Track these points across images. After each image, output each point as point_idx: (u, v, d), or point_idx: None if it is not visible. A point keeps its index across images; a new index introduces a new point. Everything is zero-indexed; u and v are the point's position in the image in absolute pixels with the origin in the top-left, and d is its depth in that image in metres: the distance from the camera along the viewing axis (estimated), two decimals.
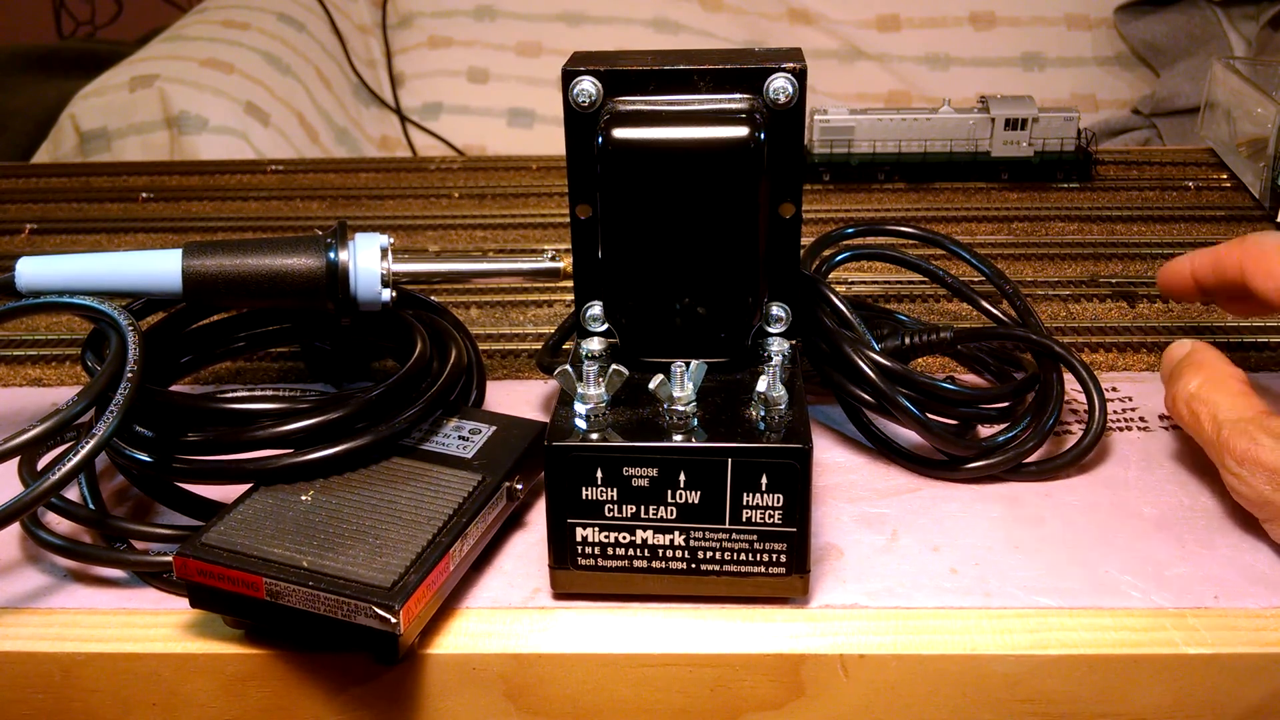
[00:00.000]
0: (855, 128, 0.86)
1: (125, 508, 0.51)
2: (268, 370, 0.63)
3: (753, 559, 0.43)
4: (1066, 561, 0.47)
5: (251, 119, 1.27)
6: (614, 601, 0.45)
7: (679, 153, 0.46)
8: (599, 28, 1.54)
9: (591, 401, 0.44)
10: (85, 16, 2.15)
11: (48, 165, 1.17)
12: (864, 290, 0.70)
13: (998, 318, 0.59)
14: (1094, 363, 0.62)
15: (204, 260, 0.51)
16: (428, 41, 1.57)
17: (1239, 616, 0.44)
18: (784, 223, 0.49)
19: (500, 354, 0.64)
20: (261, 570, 0.41)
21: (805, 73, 0.47)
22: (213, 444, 0.46)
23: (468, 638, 0.44)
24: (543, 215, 0.84)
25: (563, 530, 0.44)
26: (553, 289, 0.71)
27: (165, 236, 0.82)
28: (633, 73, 0.47)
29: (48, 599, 0.46)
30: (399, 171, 0.96)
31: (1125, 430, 0.55)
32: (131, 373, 0.45)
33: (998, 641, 0.43)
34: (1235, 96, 0.88)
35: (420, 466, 0.47)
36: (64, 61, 1.56)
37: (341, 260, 0.51)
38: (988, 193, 0.86)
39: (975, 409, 0.53)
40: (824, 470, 0.53)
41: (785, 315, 0.50)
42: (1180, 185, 0.86)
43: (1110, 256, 0.74)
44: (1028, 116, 0.85)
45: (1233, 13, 1.41)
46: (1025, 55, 1.48)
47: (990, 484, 0.51)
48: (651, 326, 0.48)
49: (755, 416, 0.44)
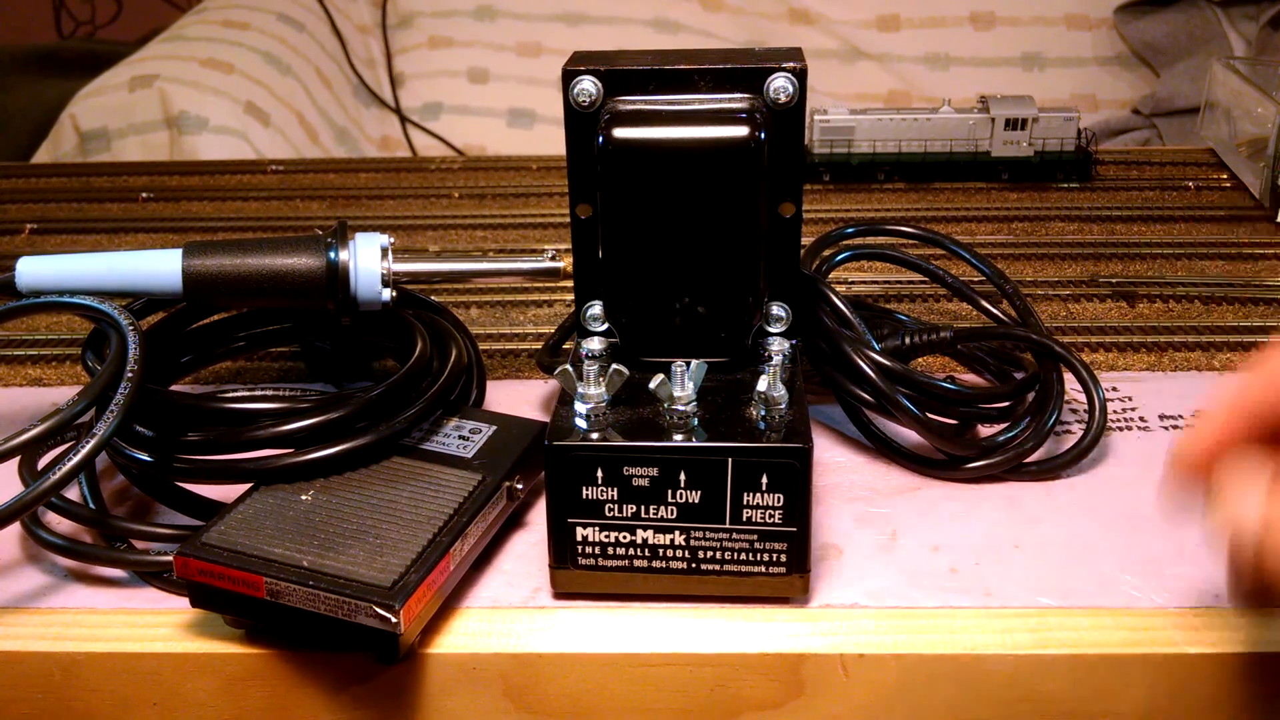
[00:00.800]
0: (855, 128, 0.86)
1: (125, 507, 0.51)
2: (268, 370, 0.63)
3: (753, 559, 0.43)
4: (1066, 561, 0.47)
5: (251, 119, 1.27)
6: (614, 601, 0.45)
7: (679, 152, 0.46)
8: (599, 28, 1.54)
9: (592, 401, 0.44)
10: (85, 16, 2.15)
11: (48, 165, 1.17)
12: (864, 290, 0.70)
13: (998, 318, 0.59)
14: (1094, 363, 0.62)
15: (204, 260, 0.51)
16: (428, 41, 1.57)
17: (1239, 616, 0.44)
18: (784, 222, 0.49)
19: (500, 354, 0.64)
20: (262, 570, 0.41)
21: (805, 73, 0.47)
22: (213, 444, 0.46)
23: (468, 637, 0.44)
24: (543, 215, 0.84)
25: (563, 530, 0.44)
26: (553, 289, 0.71)
27: (165, 236, 0.82)
28: (633, 72, 0.47)
29: (48, 599, 0.46)
30: (399, 171, 0.96)
31: (1125, 430, 0.55)
32: (132, 372, 0.45)
33: (998, 641, 0.43)
34: (1235, 96, 0.88)
35: (420, 466, 0.47)
36: (64, 61, 1.56)
37: (342, 260, 0.51)
38: (988, 193, 0.86)
39: (975, 409, 0.53)
40: (824, 470, 0.53)
41: (785, 315, 0.50)
42: (1180, 185, 0.86)
43: (1110, 256, 0.74)
44: (1028, 116, 0.85)
45: (1233, 13, 1.41)
46: (1025, 55, 1.47)
47: (990, 484, 0.51)
48: (652, 326, 0.48)
49: (755, 416, 0.44)
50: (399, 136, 1.51)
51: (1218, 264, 0.73)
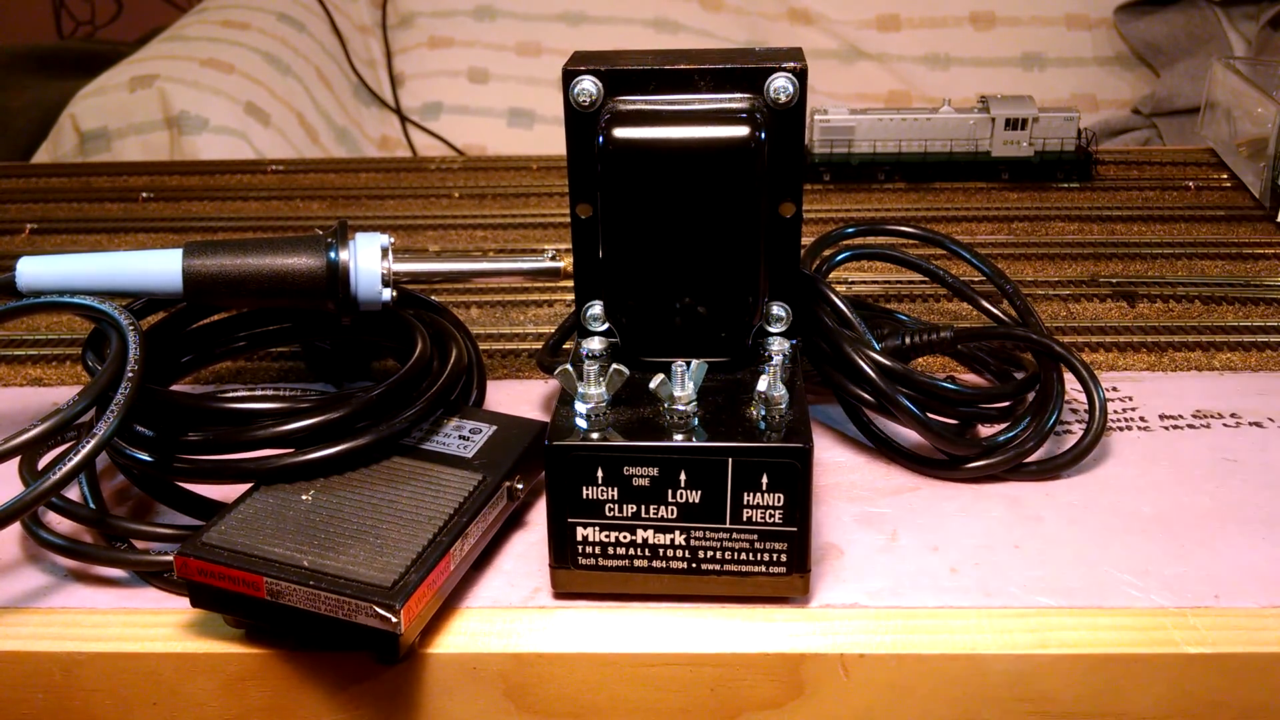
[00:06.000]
0: (855, 128, 0.86)
1: (125, 507, 0.51)
2: (268, 370, 0.63)
3: (753, 558, 0.43)
4: (1066, 561, 0.47)
5: (251, 119, 1.27)
6: (614, 601, 0.45)
7: (679, 152, 0.46)
8: (599, 28, 1.54)
9: (592, 401, 0.44)
10: (85, 16, 2.15)
11: (48, 165, 1.17)
12: (864, 290, 0.70)
13: (998, 317, 0.59)
14: (1094, 363, 0.62)
15: (204, 260, 0.51)
16: (428, 41, 1.57)
17: (1239, 616, 0.44)
18: (784, 222, 0.49)
19: (500, 354, 0.64)
20: (262, 570, 0.41)
21: (805, 72, 0.47)
22: (213, 444, 0.46)
23: (468, 637, 0.44)
24: (543, 215, 0.84)
25: (563, 530, 0.44)
26: (553, 289, 0.71)
27: (165, 236, 0.82)
28: (633, 72, 0.47)
29: (48, 599, 0.46)
30: (399, 171, 0.96)
31: (1125, 430, 0.55)
32: (132, 372, 0.45)
33: (998, 641, 0.43)
34: (1235, 96, 0.88)
35: (421, 466, 0.47)
36: (64, 61, 1.56)
37: (342, 260, 0.51)
38: (988, 193, 0.86)
39: (975, 409, 0.53)
40: (824, 470, 0.53)
41: (785, 315, 0.50)
42: (1180, 185, 0.86)
43: (1110, 256, 0.74)
44: (1028, 116, 0.85)
45: (1233, 13, 1.41)
46: (1025, 55, 1.48)
47: (990, 484, 0.51)
48: (652, 326, 0.48)
49: (756, 416, 0.44)
50: (399, 136, 1.51)
51: (1218, 264, 0.73)
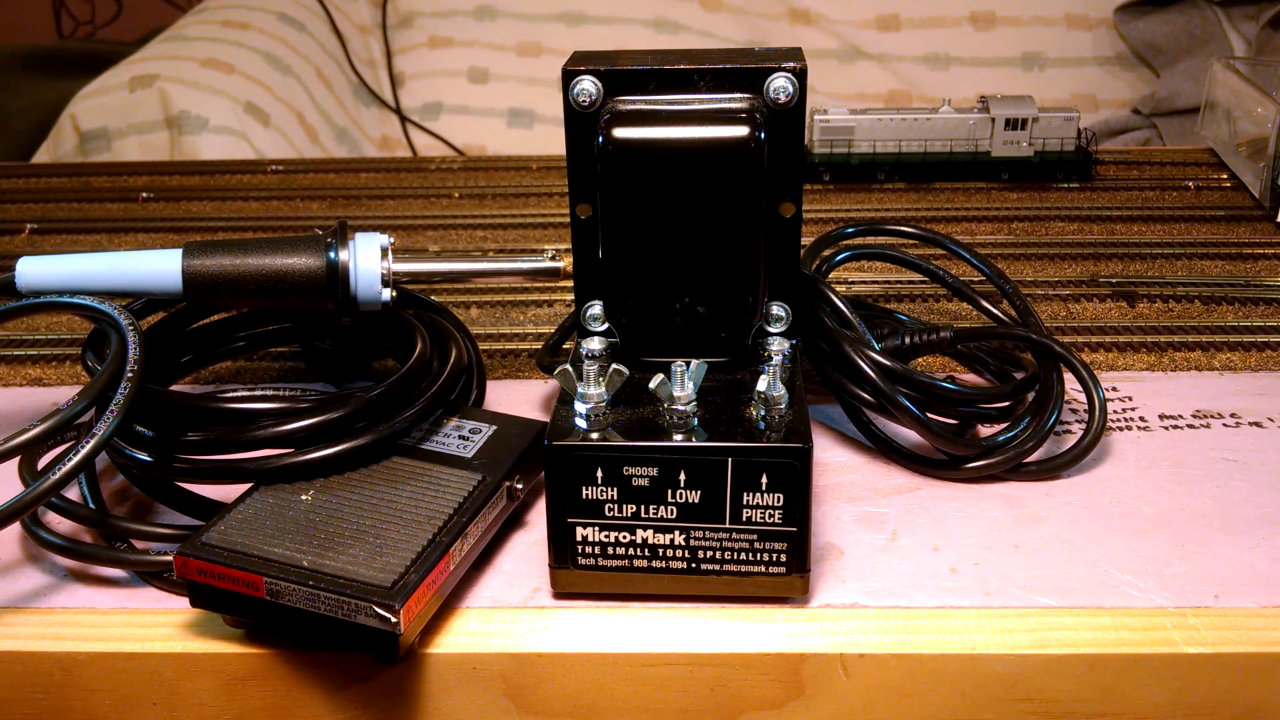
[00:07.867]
0: (855, 128, 0.86)
1: (125, 507, 0.51)
2: (268, 370, 0.63)
3: (753, 558, 0.43)
4: (1066, 561, 0.47)
5: (251, 119, 1.27)
6: (614, 601, 0.45)
7: (679, 152, 0.46)
8: (599, 28, 1.54)
9: (592, 401, 0.44)
10: (85, 16, 2.15)
11: (48, 165, 1.17)
12: (864, 290, 0.70)
13: (998, 317, 0.59)
14: (1094, 363, 0.62)
15: (204, 260, 0.51)
16: (428, 41, 1.57)
17: (1239, 616, 0.44)
18: (784, 222, 0.49)
19: (500, 354, 0.64)
20: (262, 570, 0.41)
21: (805, 72, 0.47)
22: (213, 444, 0.46)
23: (468, 637, 0.44)
24: (543, 215, 0.84)
25: (563, 530, 0.44)
26: (553, 289, 0.71)
27: (165, 236, 0.82)
28: (633, 72, 0.47)
29: (48, 598, 0.46)
30: (399, 171, 0.96)
31: (1125, 430, 0.55)
32: (132, 372, 0.45)
33: (997, 641, 0.43)
34: (1235, 96, 0.88)
35: (420, 466, 0.47)
36: (64, 61, 1.56)
37: (342, 260, 0.51)
38: (988, 193, 0.86)
39: (975, 409, 0.53)
40: (824, 470, 0.53)
41: (785, 315, 0.50)
42: (1180, 185, 0.86)
43: (1110, 256, 0.74)
44: (1028, 116, 0.85)
45: (1233, 13, 1.41)
46: (1025, 55, 1.48)
47: (990, 484, 0.51)
48: (652, 326, 0.48)
49: (755, 416, 0.44)
50: (399, 136, 1.51)
51: (1218, 264, 0.73)
